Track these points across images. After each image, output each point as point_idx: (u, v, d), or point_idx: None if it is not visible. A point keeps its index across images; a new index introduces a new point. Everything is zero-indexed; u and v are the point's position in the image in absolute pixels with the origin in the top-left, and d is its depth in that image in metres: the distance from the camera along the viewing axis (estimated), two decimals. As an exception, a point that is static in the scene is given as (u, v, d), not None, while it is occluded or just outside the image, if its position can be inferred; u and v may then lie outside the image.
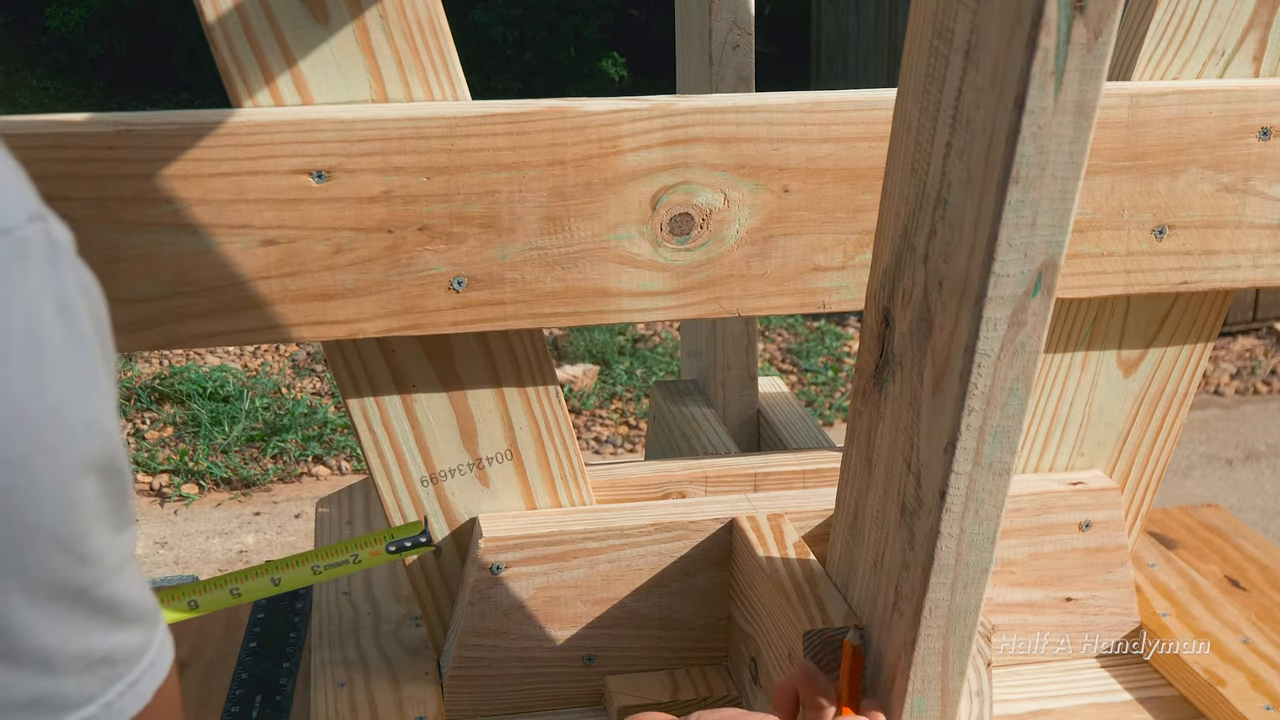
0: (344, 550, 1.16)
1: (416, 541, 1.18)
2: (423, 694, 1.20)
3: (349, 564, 1.16)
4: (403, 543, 1.17)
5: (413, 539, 1.18)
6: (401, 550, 1.17)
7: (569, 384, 4.99)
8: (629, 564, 1.19)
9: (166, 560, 3.70)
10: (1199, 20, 1.15)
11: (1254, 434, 4.58)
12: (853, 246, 1.14)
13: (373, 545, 1.17)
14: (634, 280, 1.11)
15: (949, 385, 0.82)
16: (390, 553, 1.17)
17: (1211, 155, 1.16)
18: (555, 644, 1.20)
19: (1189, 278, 1.20)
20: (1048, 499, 1.25)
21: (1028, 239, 0.75)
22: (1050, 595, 1.28)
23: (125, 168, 0.99)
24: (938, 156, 0.81)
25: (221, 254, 1.02)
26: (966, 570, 0.88)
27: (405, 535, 1.18)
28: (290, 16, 1.01)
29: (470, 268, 1.07)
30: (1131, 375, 1.27)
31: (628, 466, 1.29)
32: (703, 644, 1.24)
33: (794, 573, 1.09)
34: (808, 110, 1.10)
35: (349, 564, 1.16)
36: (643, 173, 1.08)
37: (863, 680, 0.97)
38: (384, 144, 1.03)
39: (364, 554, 1.16)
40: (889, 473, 0.93)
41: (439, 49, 1.05)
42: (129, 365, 5.05)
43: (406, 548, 1.18)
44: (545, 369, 1.16)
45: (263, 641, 1.38)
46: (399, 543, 1.17)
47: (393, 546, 1.17)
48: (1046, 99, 0.71)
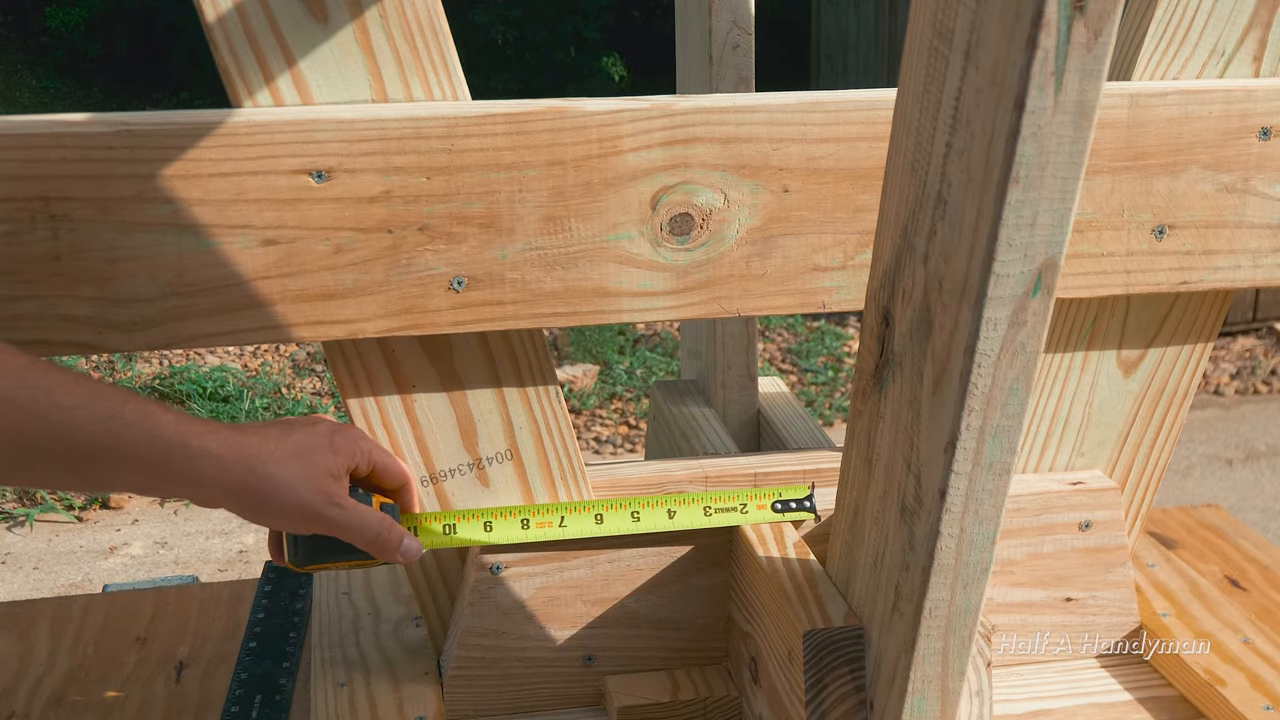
0: (734, 498, 1.16)
1: (802, 505, 1.17)
2: (423, 694, 1.20)
3: (736, 512, 1.15)
4: (789, 503, 1.16)
5: (798, 501, 1.17)
6: (786, 510, 1.16)
7: (569, 384, 4.99)
8: (629, 564, 1.19)
9: (166, 560, 3.70)
10: (1199, 20, 1.15)
11: (1254, 434, 4.58)
12: (853, 246, 1.14)
13: (760, 499, 1.16)
14: (634, 280, 1.11)
15: (949, 385, 0.82)
16: (775, 510, 1.16)
17: (1211, 155, 1.16)
18: (555, 644, 1.20)
19: (1189, 278, 1.20)
20: (1048, 499, 1.25)
21: (1028, 239, 0.75)
22: (1050, 595, 1.28)
23: (125, 168, 0.99)
24: (938, 156, 0.81)
25: (221, 254, 1.02)
26: (966, 570, 0.88)
27: (792, 497, 1.17)
28: (290, 16, 1.01)
29: (470, 268, 1.07)
30: (1131, 375, 1.27)
31: (628, 466, 1.29)
32: (703, 644, 1.24)
33: (794, 573, 1.09)
34: (808, 110, 1.10)
35: (736, 512, 1.15)
36: (643, 173, 1.08)
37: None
38: (384, 144, 1.03)
39: (752, 506, 1.16)
40: (889, 473, 0.93)
41: (439, 49, 1.05)
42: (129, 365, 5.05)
43: (791, 509, 1.16)
44: (545, 369, 1.16)
45: (263, 641, 1.38)
46: (785, 503, 1.16)
47: (779, 505, 1.16)
48: (1046, 99, 0.71)
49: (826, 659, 1.00)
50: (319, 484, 0.99)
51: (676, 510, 1.15)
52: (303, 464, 0.98)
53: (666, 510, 1.15)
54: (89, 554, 3.73)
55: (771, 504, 1.17)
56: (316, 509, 0.99)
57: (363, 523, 1.01)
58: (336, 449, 1.01)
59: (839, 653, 1.00)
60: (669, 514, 1.15)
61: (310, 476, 0.99)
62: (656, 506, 1.15)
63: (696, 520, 1.15)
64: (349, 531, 1.01)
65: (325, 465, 1.00)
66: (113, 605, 1.51)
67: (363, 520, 1.01)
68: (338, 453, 1.01)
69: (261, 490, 0.97)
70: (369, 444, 1.05)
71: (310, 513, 0.99)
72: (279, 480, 0.97)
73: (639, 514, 1.15)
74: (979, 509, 0.85)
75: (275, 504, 0.98)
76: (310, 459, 0.99)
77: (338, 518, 1.00)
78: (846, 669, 1.00)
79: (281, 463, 0.97)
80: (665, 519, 1.15)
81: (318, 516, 0.99)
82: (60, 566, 3.66)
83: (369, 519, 1.02)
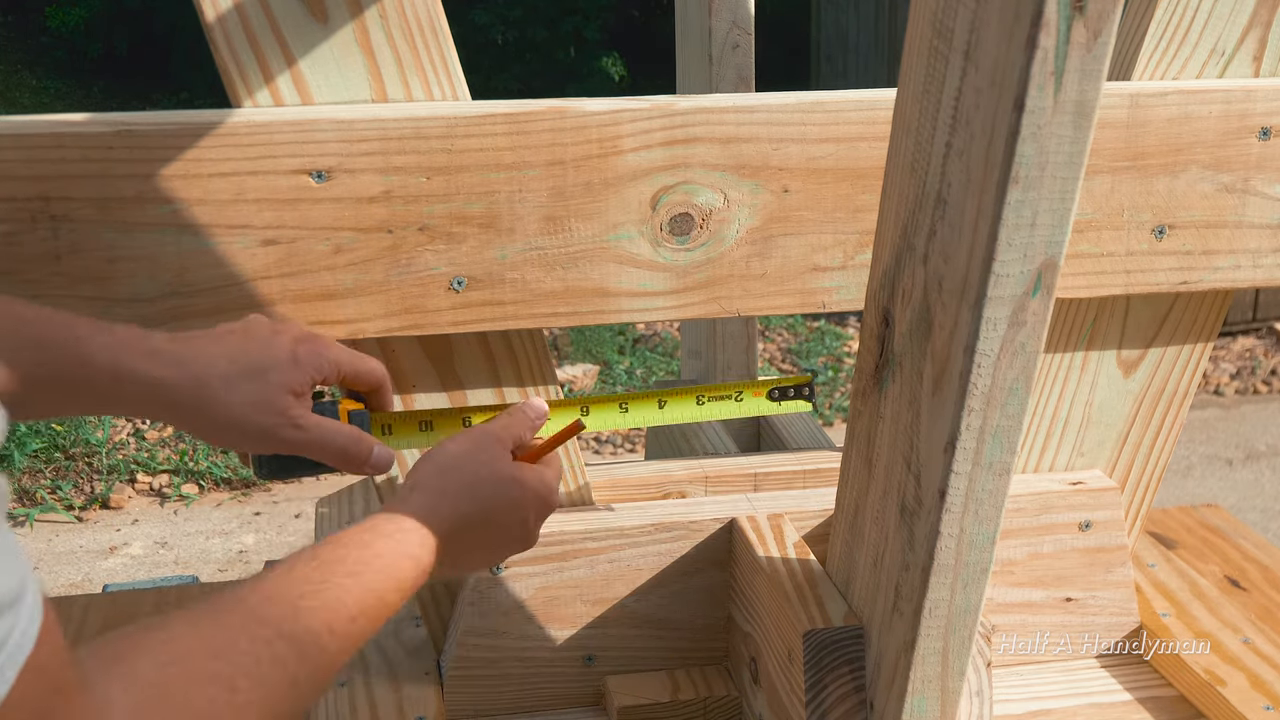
0: (729, 388, 1.14)
1: (800, 393, 1.14)
2: (423, 694, 1.20)
3: (731, 400, 1.13)
4: (786, 391, 1.14)
5: (795, 389, 1.14)
6: (783, 399, 1.14)
7: (569, 384, 4.99)
8: (629, 564, 1.19)
9: (166, 560, 3.70)
10: (1199, 20, 1.15)
11: (1254, 434, 4.58)
12: (853, 246, 1.14)
13: (756, 389, 1.14)
14: (634, 280, 1.11)
15: (949, 385, 0.82)
16: (771, 399, 1.14)
17: (1211, 155, 1.16)
18: (555, 644, 1.20)
19: (1189, 278, 1.20)
20: (1048, 499, 1.25)
21: (1027, 239, 0.75)
22: (1050, 595, 1.28)
23: (125, 168, 0.99)
24: (938, 156, 0.81)
25: (221, 254, 1.02)
26: (966, 570, 0.88)
27: (790, 384, 1.14)
28: (290, 16, 1.01)
29: (470, 268, 1.07)
30: (1131, 375, 1.27)
31: (628, 466, 1.29)
32: (703, 644, 1.24)
33: (794, 573, 1.09)
34: (808, 110, 1.10)
35: (731, 400, 1.13)
36: (643, 173, 1.08)
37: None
38: (384, 144, 1.03)
39: (747, 394, 1.14)
40: (889, 473, 0.93)
41: (439, 49, 1.05)
42: (129, 365, 5.04)
43: (790, 397, 1.14)
44: (545, 369, 1.16)
45: (263, 641, 1.38)
46: (782, 390, 1.14)
47: (775, 393, 1.14)
48: (1046, 99, 0.71)
49: (826, 659, 1.00)
50: (275, 404, 0.92)
51: (667, 402, 1.12)
52: (257, 384, 0.91)
53: (657, 401, 1.12)
54: (89, 554, 3.73)
55: (768, 392, 1.14)
56: (271, 432, 0.92)
57: (326, 440, 0.95)
58: (299, 362, 0.94)
59: (839, 653, 1.00)
60: (659, 404, 1.12)
61: (264, 399, 0.91)
62: (647, 400, 1.12)
63: (688, 412, 1.13)
64: (311, 451, 0.95)
65: (284, 382, 0.93)
66: (113, 605, 1.51)
67: (325, 438, 0.95)
68: (301, 366, 0.94)
69: (207, 413, 0.90)
70: (336, 351, 0.98)
71: (264, 435, 0.92)
72: (226, 404, 0.90)
73: (627, 406, 1.12)
74: (979, 509, 0.85)
75: (223, 427, 0.91)
76: (265, 378, 0.92)
77: (297, 439, 0.94)
78: (846, 669, 1.00)
79: (231, 384, 0.90)
80: (655, 410, 1.12)
81: (273, 439, 0.93)
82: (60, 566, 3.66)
83: (333, 436, 0.95)
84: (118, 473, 4.07)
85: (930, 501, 0.86)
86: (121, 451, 4.19)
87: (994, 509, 0.86)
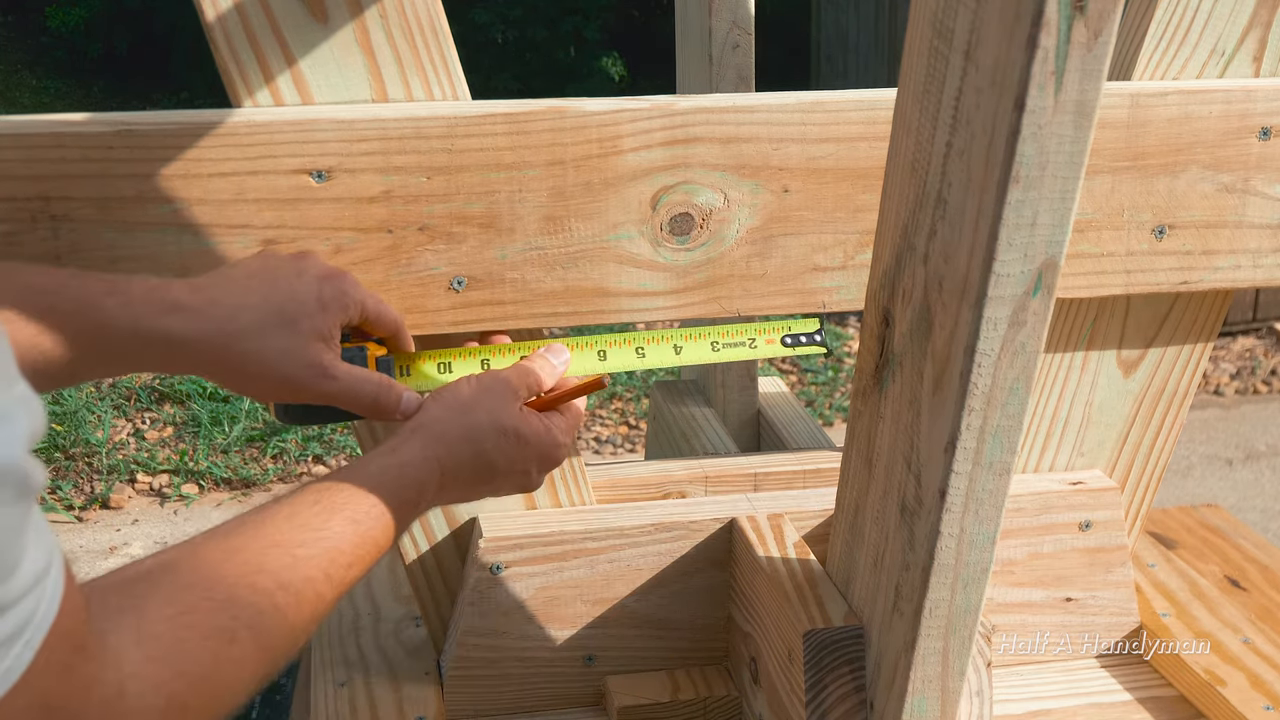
0: (742, 332, 1.12)
1: (812, 339, 1.13)
2: (423, 694, 1.20)
3: (744, 347, 1.11)
4: (799, 337, 1.13)
5: (808, 335, 1.13)
6: (796, 345, 1.13)
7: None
8: (629, 564, 1.19)
9: (166, 560, 3.70)
10: (1199, 20, 1.15)
11: (1254, 434, 4.58)
12: (853, 246, 1.14)
13: (768, 334, 1.12)
14: (634, 280, 1.11)
15: (949, 385, 0.82)
16: (784, 344, 1.12)
17: (1211, 155, 1.16)
18: (555, 644, 1.20)
19: (1189, 278, 1.20)
20: (1048, 499, 1.25)
21: (1028, 239, 0.75)
22: (1050, 595, 1.28)
23: (125, 168, 0.99)
24: (938, 156, 0.81)
25: (222, 253, 1.02)
26: (966, 570, 0.88)
27: (801, 331, 1.13)
28: (290, 16, 1.01)
29: (470, 268, 1.07)
30: (1131, 375, 1.27)
31: (628, 466, 1.29)
32: (703, 644, 1.24)
33: (794, 573, 1.09)
34: (808, 110, 1.10)
35: (744, 347, 1.11)
36: (643, 173, 1.08)
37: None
38: (384, 144, 1.03)
39: (760, 340, 1.12)
40: (889, 472, 0.93)
41: (439, 48, 1.05)
42: (129, 365, 5.04)
43: (801, 343, 1.13)
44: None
45: (263, 641, 1.38)
46: (795, 336, 1.13)
47: (788, 339, 1.13)
48: (1046, 99, 0.71)
49: (826, 659, 1.00)
50: (306, 354, 0.90)
51: (683, 346, 1.10)
52: (286, 333, 0.89)
53: (673, 346, 1.10)
54: (89, 554, 3.73)
55: (781, 338, 1.13)
56: (303, 383, 0.90)
57: (358, 389, 0.93)
58: (326, 305, 0.92)
59: (839, 653, 1.00)
60: (675, 349, 1.10)
61: (295, 348, 0.89)
62: (662, 342, 1.10)
63: (704, 355, 1.11)
64: (342, 401, 0.93)
65: (314, 328, 0.90)
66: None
67: (356, 387, 0.93)
68: (327, 309, 0.92)
69: (236, 366, 0.88)
70: (360, 292, 0.96)
71: (296, 386, 0.90)
72: (257, 356, 0.88)
73: (644, 349, 1.10)
74: (979, 509, 0.85)
75: (253, 378, 0.89)
76: (296, 326, 0.89)
77: (330, 389, 0.91)
78: (846, 669, 1.00)
79: (259, 335, 0.88)
80: (672, 354, 1.11)
81: (305, 390, 0.91)
82: (60, 566, 3.66)
83: (363, 385, 0.93)
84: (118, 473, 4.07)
85: (930, 501, 0.86)
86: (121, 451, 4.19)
87: (994, 509, 0.86)
